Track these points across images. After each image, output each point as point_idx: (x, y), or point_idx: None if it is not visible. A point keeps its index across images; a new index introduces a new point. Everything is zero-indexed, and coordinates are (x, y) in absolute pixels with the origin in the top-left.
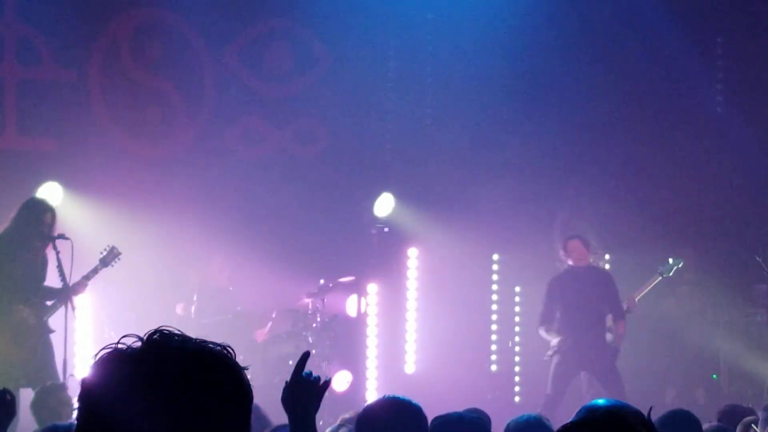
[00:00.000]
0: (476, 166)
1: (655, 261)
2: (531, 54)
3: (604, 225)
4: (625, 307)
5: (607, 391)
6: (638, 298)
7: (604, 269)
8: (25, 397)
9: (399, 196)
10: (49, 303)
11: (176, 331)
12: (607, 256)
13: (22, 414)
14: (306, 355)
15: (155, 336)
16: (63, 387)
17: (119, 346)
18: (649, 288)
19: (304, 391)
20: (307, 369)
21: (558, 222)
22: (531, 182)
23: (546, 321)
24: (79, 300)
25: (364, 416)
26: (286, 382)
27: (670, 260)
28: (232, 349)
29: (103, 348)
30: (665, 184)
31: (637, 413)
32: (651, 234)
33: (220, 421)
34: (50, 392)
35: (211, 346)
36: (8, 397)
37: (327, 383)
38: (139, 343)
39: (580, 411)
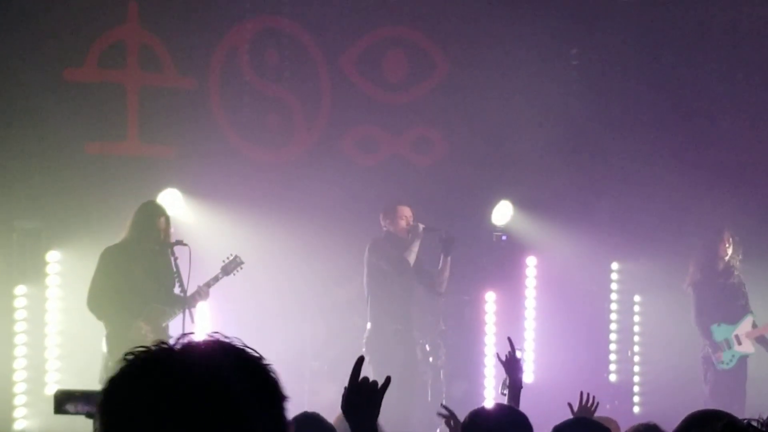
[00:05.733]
0: (595, 174)
1: None
2: (665, 61)
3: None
4: None
5: None
6: None
7: None
8: None
9: (517, 203)
10: (167, 309)
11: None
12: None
13: None
14: (360, 361)
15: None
16: None
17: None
18: None
19: (363, 398)
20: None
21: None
22: (651, 190)
23: None
24: (198, 308)
25: (470, 421)
26: (345, 389)
27: None
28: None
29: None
30: None
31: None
32: None
33: (245, 418)
34: None
35: (244, 347)
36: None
37: (386, 385)
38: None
39: (692, 419)
